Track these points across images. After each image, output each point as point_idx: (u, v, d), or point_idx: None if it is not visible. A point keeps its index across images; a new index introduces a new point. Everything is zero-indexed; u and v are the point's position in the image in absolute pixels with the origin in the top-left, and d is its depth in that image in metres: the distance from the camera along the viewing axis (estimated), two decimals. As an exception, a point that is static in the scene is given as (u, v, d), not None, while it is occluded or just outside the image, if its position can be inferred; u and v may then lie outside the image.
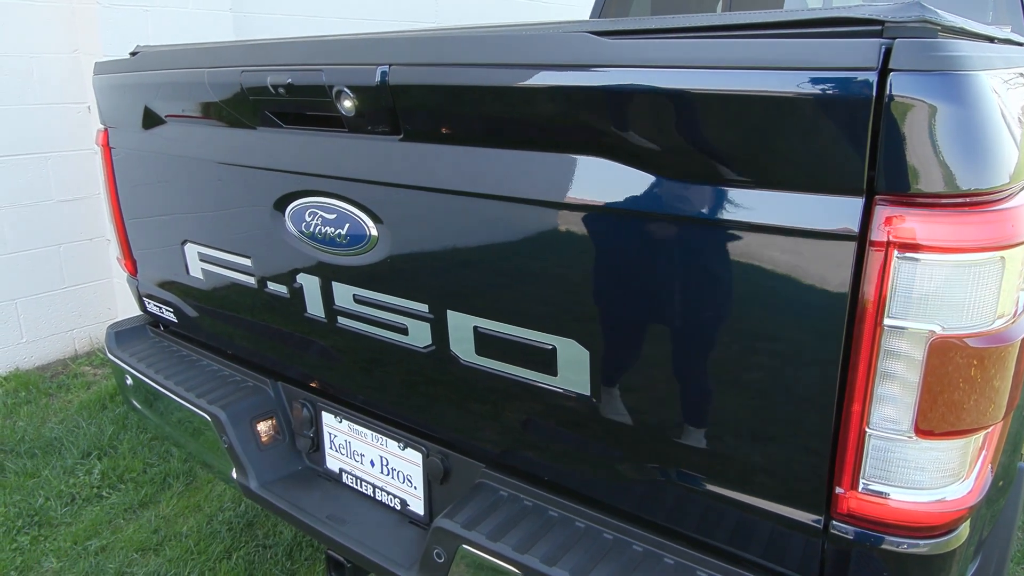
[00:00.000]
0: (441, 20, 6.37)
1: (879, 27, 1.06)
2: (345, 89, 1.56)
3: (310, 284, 1.87)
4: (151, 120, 2.20)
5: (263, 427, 2.16)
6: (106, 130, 2.41)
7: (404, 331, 1.71)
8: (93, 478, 3.33)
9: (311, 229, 1.81)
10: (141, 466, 3.41)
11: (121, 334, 2.62)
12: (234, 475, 2.15)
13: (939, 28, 1.06)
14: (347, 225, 1.72)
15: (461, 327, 1.60)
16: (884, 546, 1.20)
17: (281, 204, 1.87)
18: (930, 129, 1.02)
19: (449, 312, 1.60)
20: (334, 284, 1.81)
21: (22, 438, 3.62)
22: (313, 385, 2.11)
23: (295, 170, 1.80)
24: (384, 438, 1.94)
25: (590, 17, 4.20)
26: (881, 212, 1.07)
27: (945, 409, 1.11)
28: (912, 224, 1.05)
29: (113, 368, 2.61)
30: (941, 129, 1.02)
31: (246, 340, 2.25)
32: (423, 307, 1.65)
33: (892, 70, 1.02)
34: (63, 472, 3.37)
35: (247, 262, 2.03)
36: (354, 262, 1.75)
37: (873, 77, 1.02)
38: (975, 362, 1.08)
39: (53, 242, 4.45)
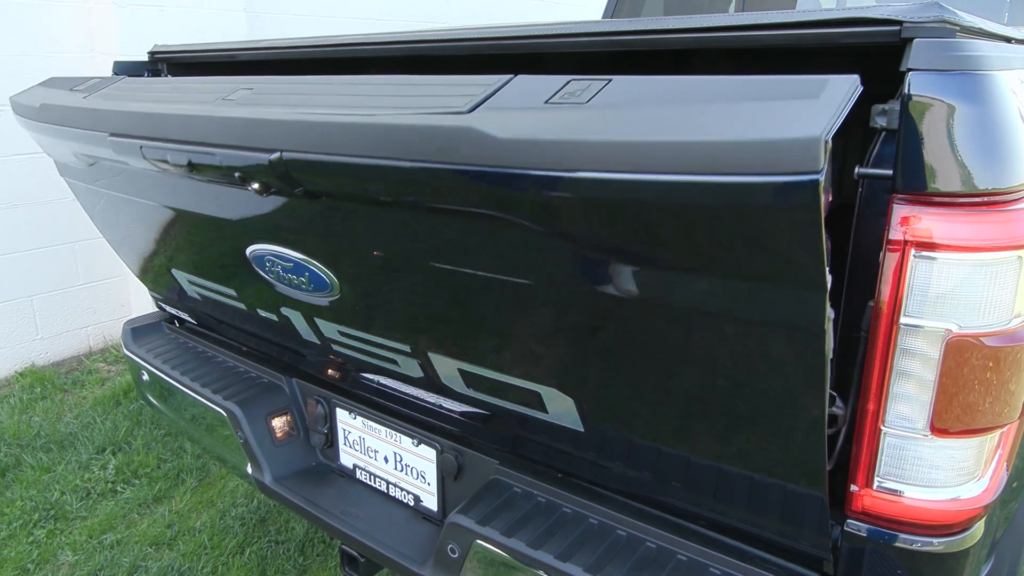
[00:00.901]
0: (452, 20, 6.39)
1: (897, 27, 1.07)
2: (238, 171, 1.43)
3: (295, 317, 1.86)
4: (85, 159, 2.02)
5: (278, 423, 2.18)
6: (124, 128, 2.43)
7: (395, 363, 1.72)
8: (108, 473, 3.36)
9: (275, 273, 1.73)
10: (155, 462, 3.44)
11: (137, 330, 2.65)
12: (249, 470, 2.17)
13: (957, 28, 1.07)
14: (306, 273, 1.66)
15: (446, 366, 1.61)
16: (898, 544, 1.21)
17: (239, 247, 1.77)
18: (948, 129, 1.02)
19: (431, 354, 1.61)
20: (316, 319, 1.82)
21: (38, 433, 3.66)
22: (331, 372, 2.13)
23: (233, 218, 1.69)
24: (398, 434, 1.96)
25: (603, 17, 4.20)
26: (898, 211, 1.08)
27: (961, 408, 1.11)
28: (929, 223, 1.06)
29: (129, 364, 2.64)
30: (959, 129, 1.02)
31: (256, 343, 2.28)
32: (405, 347, 1.65)
33: (910, 69, 1.02)
34: (78, 467, 3.40)
35: (232, 292, 2.04)
36: (326, 303, 1.70)
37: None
38: (991, 361, 1.09)
39: (68, 240, 4.49)
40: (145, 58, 2.49)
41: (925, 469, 1.16)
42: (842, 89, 0.89)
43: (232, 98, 1.48)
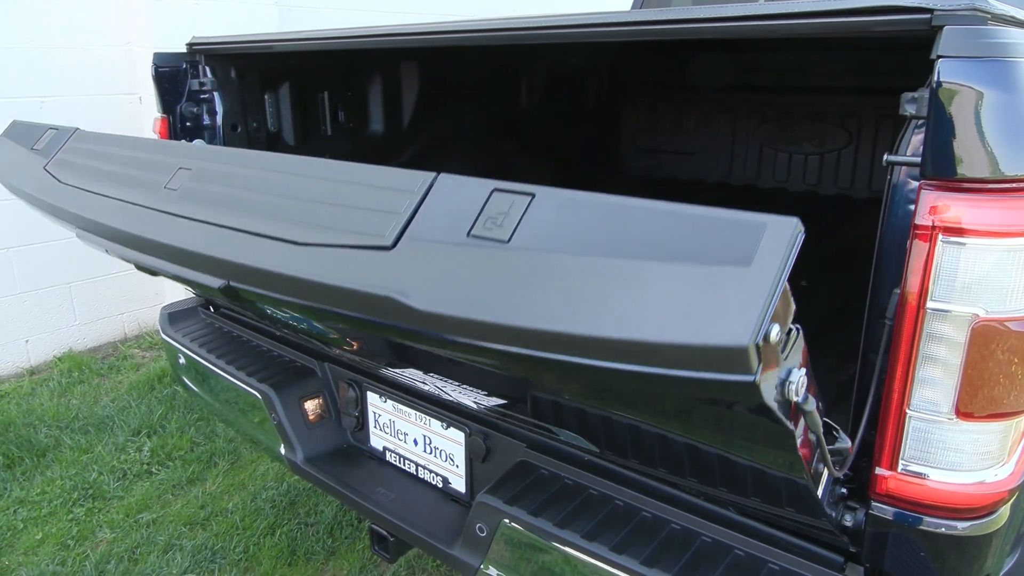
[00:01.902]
0: (477, 11, 6.42)
1: (928, 15, 1.08)
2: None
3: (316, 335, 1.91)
4: None
5: (310, 406, 2.24)
6: (164, 118, 2.50)
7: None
8: (143, 455, 3.45)
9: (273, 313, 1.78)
10: (188, 445, 3.53)
11: (174, 315, 2.72)
12: (282, 451, 2.23)
13: (989, 16, 1.08)
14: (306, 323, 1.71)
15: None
16: (923, 527, 1.23)
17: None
18: (977, 115, 1.04)
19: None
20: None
21: (76, 416, 3.77)
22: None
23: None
24: (427, 418, 2.00)
25: (631, 8, 4.20)
26: (926, 197, 1.09)
27: (986, 392, 1.12)
28: (957, 209, 1.07)
29: (166, 348, 2.72)
30: (988, 115, 1.04)
31: (291, 332, 2.33)
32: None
33: (940, 57, 1.04)
34: (115, 449, 3.50)
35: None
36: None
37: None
38: (1018, 346, 1.10)
39: (105, 228, 4.59)
40: (182, 50, 2.55)
41: (950, 453, 1.17)
42: (780, 242, 0.80)
43: (173, 187, 1.53)
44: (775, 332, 0.78)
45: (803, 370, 0.94)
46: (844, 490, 1.31)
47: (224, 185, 1.43)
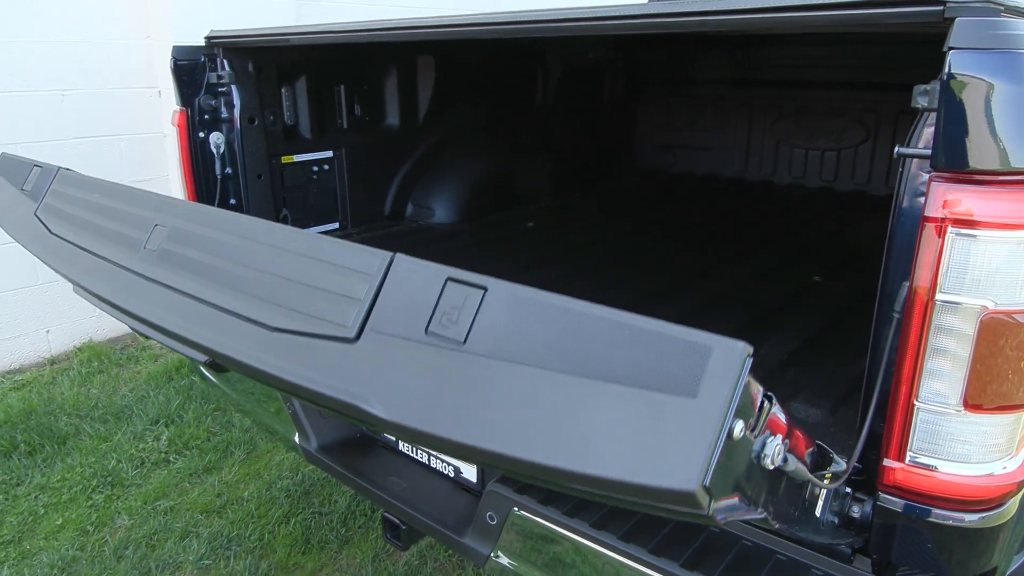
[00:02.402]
0: (493, 6, 6.42)
1: (940, 7, 1.08)
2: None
3: None
4: None
5: (325, 395, 2.27)
6: (183, 111, 2.53)
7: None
8: (161, 444, 3.50)
9: None
10: (205, 434, 3.58)
11: (192, 305, 2.76)
12: (297, 440, 2.26)
13: (1002, 8, 1.08)
14: None
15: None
16: (931, 519, 1.23)
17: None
18: (988, 107, 1.04)
19: None
20: None
21: (96, 404, 3.83)
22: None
23: None
24: (440, 408, 2.02)
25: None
26: (936, 189, 1.09)
27: (995, 384, 1.12)
28: (968, 201, 1.07)
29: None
30: (999, 107, 1.04)
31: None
32: None
33: (952, 48, 1.04)
34: (133, 437, 3.55)
35: None
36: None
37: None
38: (1027, 338, 1.10)
39: (125, 220, 4.66)
40: (200, 43, 2.58)
41: (959, 445, 1.17)
42: (727, 371, 0.78)
43: (151, 247, 1.55)
44: (738, 428, 0.78)
45: (778, 437, 0.92)
46: (848, 489, 1.31)
47: (197, 250, 1.46)
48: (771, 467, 0.93)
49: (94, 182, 1.94)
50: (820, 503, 1.22)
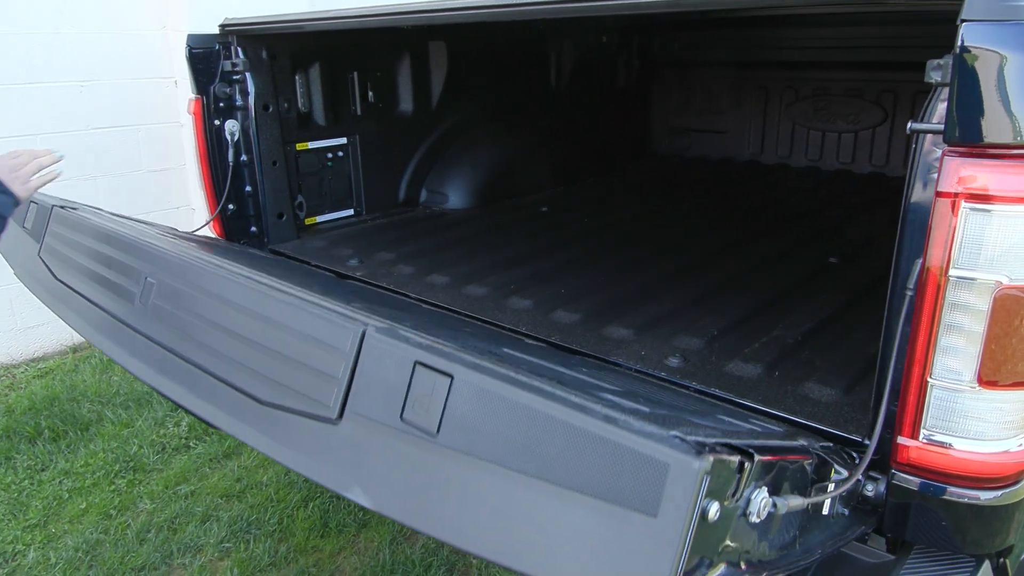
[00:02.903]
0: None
1: (953, -21, 1.06)
2: None
3: None
4: None
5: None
6: (198, 99, 2.55)
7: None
8: (181, 430, 3.55)
9: None
10: (224, 420, 3.62)
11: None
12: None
13: (1016, -21, 1.06)
14: None
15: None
16: (946, 496, 1.22)
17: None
18: (1001, 79, 1.02)
19: None
20: None
21: (117, 391, 3.88)
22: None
23: None
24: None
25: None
26: (949, 164, 1.08)
27: (1010, 360, 1.12)
28: (981, 175, 1.06)
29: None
30: (1013, 79, 1.02)
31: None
32: None
33: (964, 20, 1.03)
34: (154, 423, 3.61)
35: None
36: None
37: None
38: (1043, 314, 1.09)
39: (144, 210, 4.70)
40: (215, 31, 2.60)
41: (973, 422, 1.17)
42: (686, 489, 0.77)
43: (143, 302, 1.58)
44: (713, 510, 0.78)
45: (763, 491, 0.92)
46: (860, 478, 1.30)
47: (186, 312, 1.48)
48: (757, 520, 0.92)
49: (87, 223, 1.93)
50: (827, 503, 1.21)
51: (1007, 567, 1.37)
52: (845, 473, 1.22)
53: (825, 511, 1.21)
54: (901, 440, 1.23)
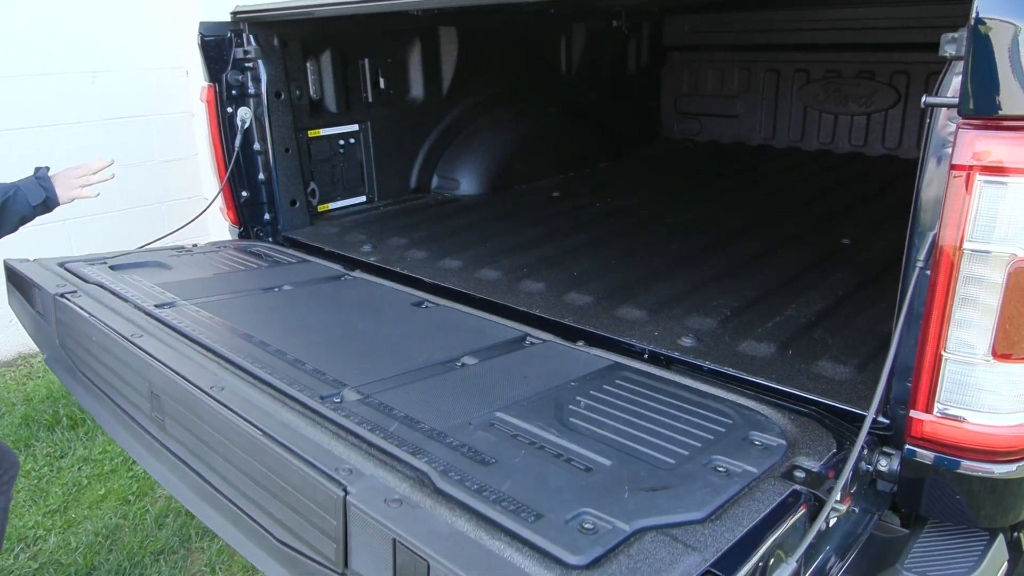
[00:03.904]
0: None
1: (967, -50, 1.06)
2: None
3: None
4: None
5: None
6: (211, 86, 2.57)
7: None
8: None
9: None
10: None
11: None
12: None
13: (1030, -51, 1.05)
14: None
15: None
16: (960, 470, 1.23)
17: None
18: (1016, 50, 1.02)
19: None
20: None
21: (133, 379, 3.93)
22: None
23: None
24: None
25: (671, -30, 4.14)
26: (964, 137, 1.08)
27: (1025, 333, 1.12)
28: (996, 147, 1.06)
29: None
30: (1029, 50, 1.02)
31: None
32: None
33: (980, -9, 1.02)
34: (171, 410, 3.65)
35: None
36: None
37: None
38: (1058, 286, 1.09)
39: (156, 200, 4.73)
40: (227, 19, 2.61)
41: (988, 395, 1.17)
42: None
43: (156, 414, 1.59)
44: None
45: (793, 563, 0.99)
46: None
47: (196, 436, 1.48)
48: None
49: (87, 324, 1.87)
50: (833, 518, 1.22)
51: (1021, 541, 1.37)
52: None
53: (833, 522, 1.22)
54: (915, 414, 1.23)
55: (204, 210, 2.91)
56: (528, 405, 1.42)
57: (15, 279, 2.27)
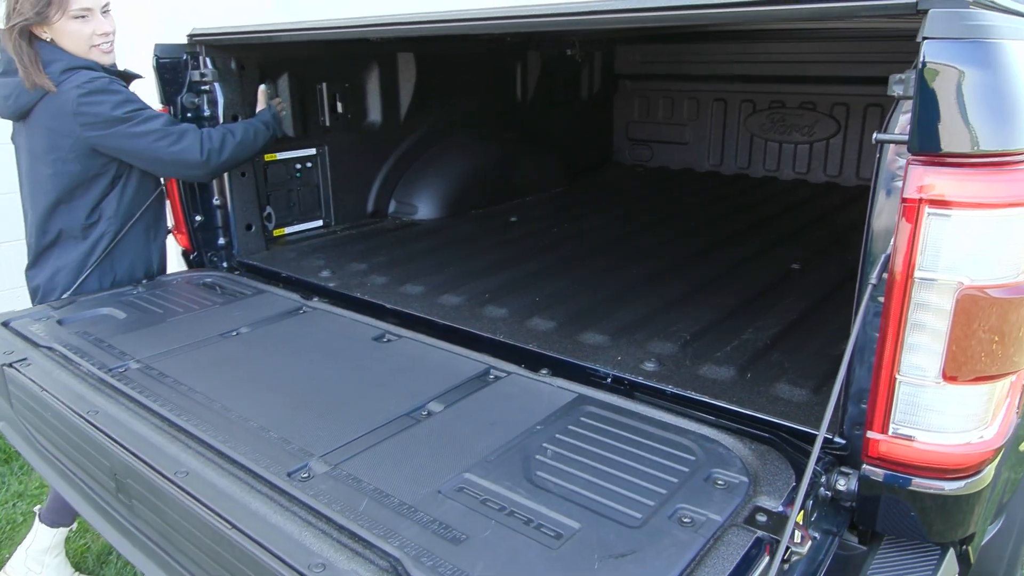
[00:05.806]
0: (479, 2, 6.42)
1: (914, -2, 1.13)
2: None
3: None
4: None
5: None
6: (165, 108, 2.53)
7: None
8: (145, 445, 3.48)
9: None
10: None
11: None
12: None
13: (971, 0, 1.13)
14: None
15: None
16: (912, 487, 1.29)
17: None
18: (960, 94, 1.09)
19: None
20: None
21: (76, 408, 3.79)
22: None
23: None
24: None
25: None
26: (913, 172, 1.15)
27: (971, 357, 1.18)
28: (943, 182, 1.13)
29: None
30: (970, 94, 1.09)
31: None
32: None
33: (926, 38, 1.09)
34: (116, 440, 3.53)
35: None
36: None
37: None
38: (1000, 312, 1.16)
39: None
40: (183, 41, 2.58)
41: (937, 415, 1.23)
42: None
43: (121, 497, 1.56)
44: None
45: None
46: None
47: (159, 518, 1.46)
48: None
49: (41, 400, 1.79)
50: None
51: (969, 554, 1.44)
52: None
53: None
54: (871, 435, 1.29)
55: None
56: (496, 460, 1.41)
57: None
